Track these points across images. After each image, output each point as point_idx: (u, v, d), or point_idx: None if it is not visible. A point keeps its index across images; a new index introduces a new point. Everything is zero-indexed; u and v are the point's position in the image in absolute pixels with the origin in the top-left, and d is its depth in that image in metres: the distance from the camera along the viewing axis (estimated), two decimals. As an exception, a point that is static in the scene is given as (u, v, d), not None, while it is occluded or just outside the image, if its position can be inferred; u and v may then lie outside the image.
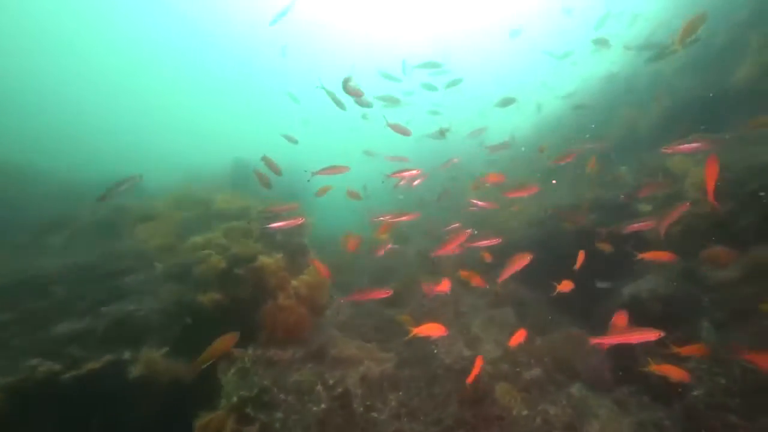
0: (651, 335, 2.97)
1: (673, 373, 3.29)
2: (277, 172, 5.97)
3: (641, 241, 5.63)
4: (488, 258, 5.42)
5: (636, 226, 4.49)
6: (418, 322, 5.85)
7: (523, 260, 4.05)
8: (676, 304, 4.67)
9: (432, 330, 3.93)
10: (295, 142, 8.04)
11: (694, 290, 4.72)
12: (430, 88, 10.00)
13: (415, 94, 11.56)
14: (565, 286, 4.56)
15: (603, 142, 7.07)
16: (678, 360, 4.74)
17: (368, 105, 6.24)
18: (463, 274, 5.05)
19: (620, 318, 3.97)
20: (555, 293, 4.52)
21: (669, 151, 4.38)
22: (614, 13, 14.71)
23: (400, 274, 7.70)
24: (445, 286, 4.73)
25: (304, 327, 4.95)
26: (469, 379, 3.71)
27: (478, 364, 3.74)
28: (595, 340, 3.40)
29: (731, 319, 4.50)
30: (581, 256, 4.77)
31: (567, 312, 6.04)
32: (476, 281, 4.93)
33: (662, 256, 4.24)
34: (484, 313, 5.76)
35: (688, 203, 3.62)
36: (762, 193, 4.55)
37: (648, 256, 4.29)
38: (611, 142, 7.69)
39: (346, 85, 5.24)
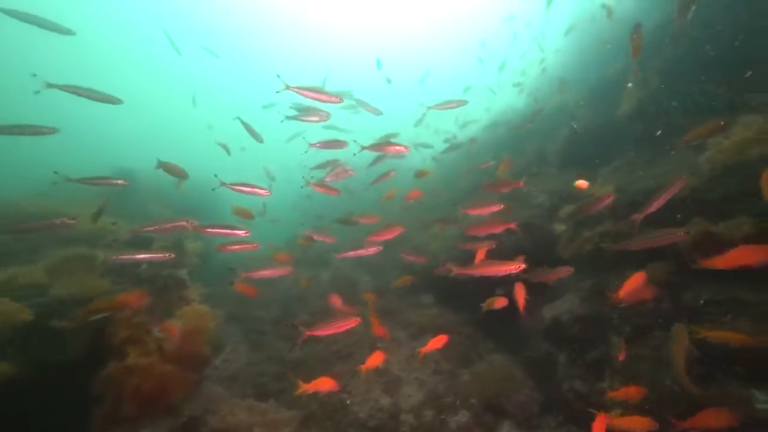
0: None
1: (638, 424, 2.88)
2: (183, 175, 5.22)
3: (556, 258, 5.68)
4: (408, 281, 4.87)
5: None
6: (330, 363, 4.97)
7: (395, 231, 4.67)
8: (592, 324, 4.64)
9: (324, 385, 3.16)
10: (229, 153, 7.73)
11: (605, 308, 4.78)
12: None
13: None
14: (496, 303, 4.32)
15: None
16: (594, 380, 4.80)
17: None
18: (372, 317, 4.37)
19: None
20: (482, 312, 4.32)
21: (465, 211, 4.86)
22: (514, 57, 16.58)
23: (312, 305, 6.67)
24: (336, 301, 5.02)
25: (170, 391, 3.61)
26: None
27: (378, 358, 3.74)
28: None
29: (635, 335, 4.63)
30: (481, 253, 4.65)
31: (491, 336, 5.74)
32: (378, 331, 4.31)
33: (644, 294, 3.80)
34: (405, 348, 5.09)
35: (685, 177, 3.42)
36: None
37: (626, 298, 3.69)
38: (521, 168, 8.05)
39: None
